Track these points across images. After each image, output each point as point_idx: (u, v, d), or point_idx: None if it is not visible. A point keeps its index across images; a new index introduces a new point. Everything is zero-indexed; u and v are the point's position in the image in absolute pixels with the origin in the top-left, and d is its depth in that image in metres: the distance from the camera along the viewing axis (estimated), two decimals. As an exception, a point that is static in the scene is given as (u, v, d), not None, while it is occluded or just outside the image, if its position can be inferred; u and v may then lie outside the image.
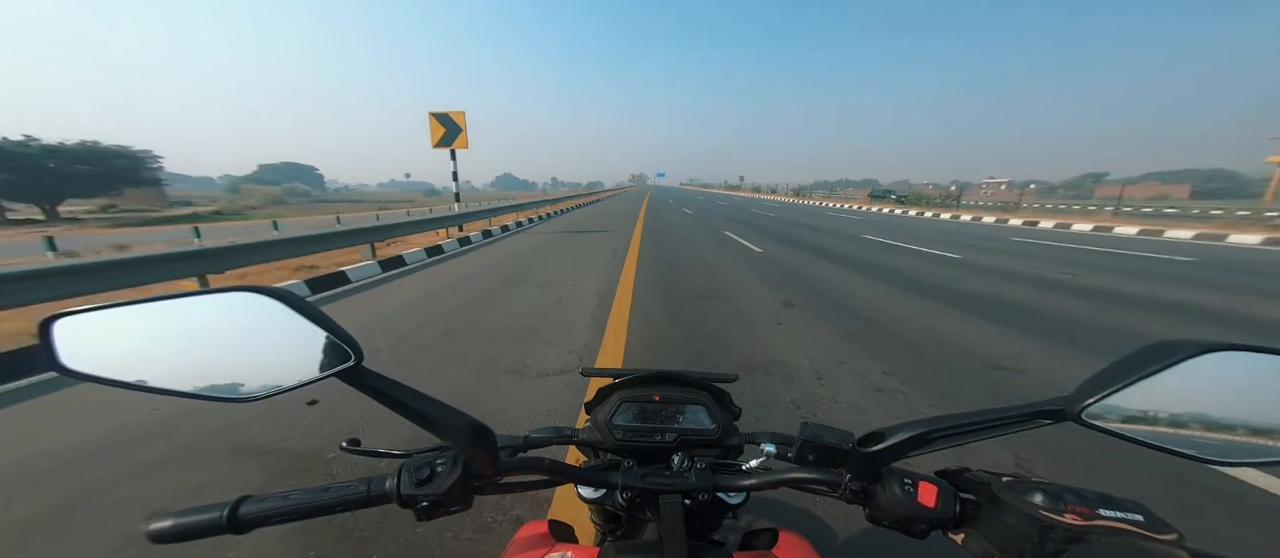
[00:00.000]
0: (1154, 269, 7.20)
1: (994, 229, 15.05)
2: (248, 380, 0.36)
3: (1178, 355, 0.34)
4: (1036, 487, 0.39)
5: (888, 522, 0.45)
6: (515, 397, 2.69)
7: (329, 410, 2.46)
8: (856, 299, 4.99)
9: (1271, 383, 0.33)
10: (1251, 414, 0.34)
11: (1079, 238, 12.15)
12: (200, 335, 0.35)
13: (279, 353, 0.37)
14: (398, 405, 0.41)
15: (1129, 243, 11.00)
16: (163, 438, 2.23)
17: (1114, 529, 0.34)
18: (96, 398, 2.63)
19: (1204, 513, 1.73)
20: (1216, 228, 12.81)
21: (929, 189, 35.44)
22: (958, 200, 27.20)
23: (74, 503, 1.77)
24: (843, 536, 1.49)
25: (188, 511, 0.41)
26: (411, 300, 5.03)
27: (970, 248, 9.54)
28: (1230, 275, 6.76)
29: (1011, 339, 3.71)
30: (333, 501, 0.44)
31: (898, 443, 0.43)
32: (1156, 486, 1.86)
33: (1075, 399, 0.37)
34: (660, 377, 0.67)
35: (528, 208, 18.83)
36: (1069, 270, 6.97)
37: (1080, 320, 4.29)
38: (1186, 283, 6.13)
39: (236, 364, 0.36)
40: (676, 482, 0.53)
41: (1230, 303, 5.05)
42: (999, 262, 7.71)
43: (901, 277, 6.33)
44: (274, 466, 2.02)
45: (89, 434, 2.29)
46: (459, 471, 0.45)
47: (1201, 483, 1.87)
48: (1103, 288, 5.73)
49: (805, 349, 3.43)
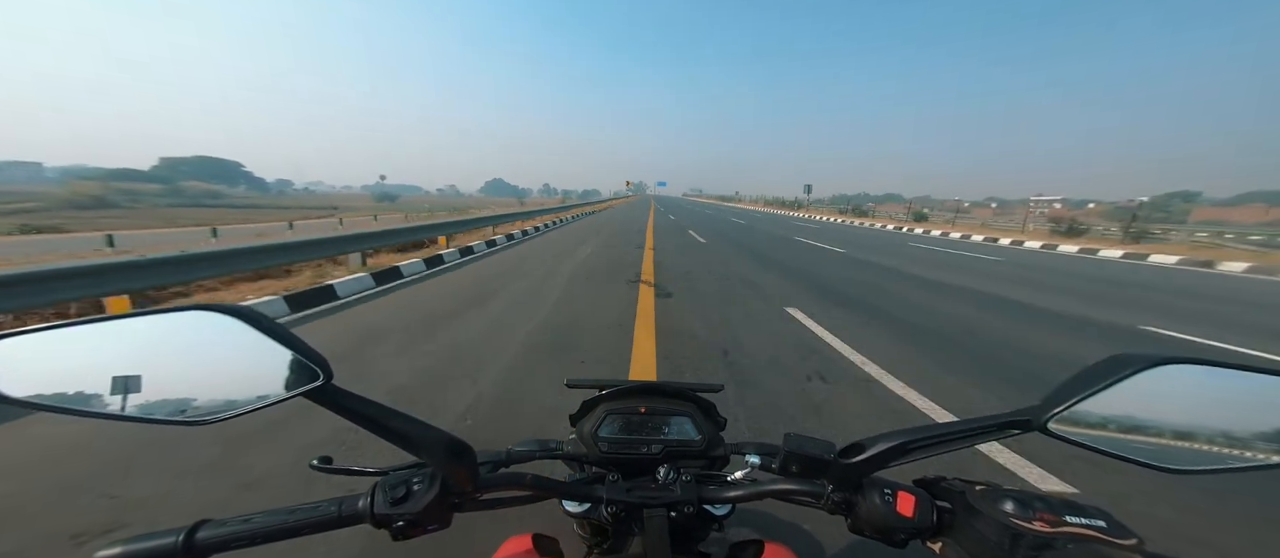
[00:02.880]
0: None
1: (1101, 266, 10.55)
2: (206, 402, 0.34)
3: (1132, 368, 0.35)
4: (1007, 495, 0.40)
5: (869, 532, 0.46)
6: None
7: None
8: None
9: (1218, 395, 0.35)
10: (1203, 424, 0.36)
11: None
12: (154, 357, 0.33)
13: (241, 373, 0.35)
14: (371, 423, 0.40)
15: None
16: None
17: (1079, 536, 0.36)
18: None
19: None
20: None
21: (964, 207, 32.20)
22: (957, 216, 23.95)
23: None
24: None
25: (139, 537, 0.38)
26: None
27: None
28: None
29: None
30: (300, 522, 0.42)
31: (878, 453, 0.43)
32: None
33: (1041, 410, 0.39)
34: (645, 388, 0.67)
35: (473, 227, 12.10)
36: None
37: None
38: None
39: (194, 386, 0.34)
40: (662, 495, 0.53)
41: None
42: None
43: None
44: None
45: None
46: (436, 488, 0.44)
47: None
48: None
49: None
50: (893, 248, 13.05)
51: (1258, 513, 1.90)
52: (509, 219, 15.17)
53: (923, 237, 19.47)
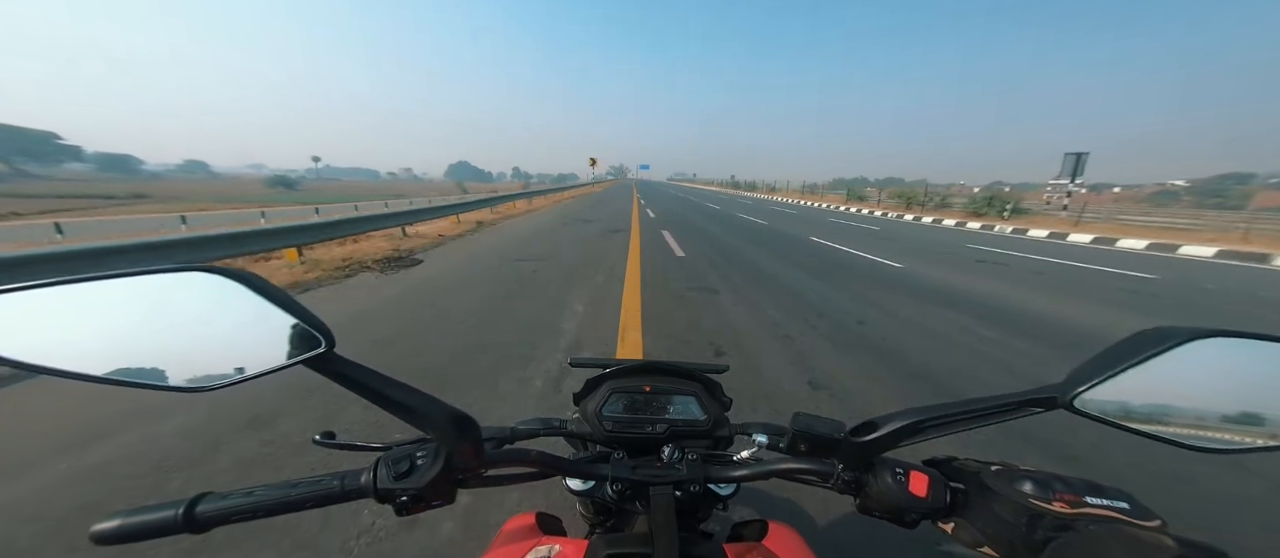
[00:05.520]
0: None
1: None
2: (204, 368, 0.33)
3: (1168, 343, 0.34)
4: (1025, 475, 0.39)
5: (878, 512, 0.45)
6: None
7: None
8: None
9: (1261, 370, 0.34)
10: (1242, 402, 0.34)
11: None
12: (147, 318, 0.32)
13: (240, 339, 0.34)
14: (373, 395, 0.39)
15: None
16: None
17: (1101, 517, 0.35)
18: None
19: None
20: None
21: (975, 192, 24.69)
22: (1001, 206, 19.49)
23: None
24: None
25: (138, 510, 0.38)
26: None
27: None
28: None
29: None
30: (302, 496, 0.42)
31: (890, 432, 0.42)
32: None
33: (1066, 387, 0.37)
34: (650, 367, 0.66)
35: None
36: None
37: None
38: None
39: (190, 351, 0.33)
40: (667, 473, 0.52)
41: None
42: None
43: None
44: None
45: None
46: (441, 463, 0.43)
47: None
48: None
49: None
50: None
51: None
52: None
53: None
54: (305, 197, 50.79)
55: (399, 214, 9.58)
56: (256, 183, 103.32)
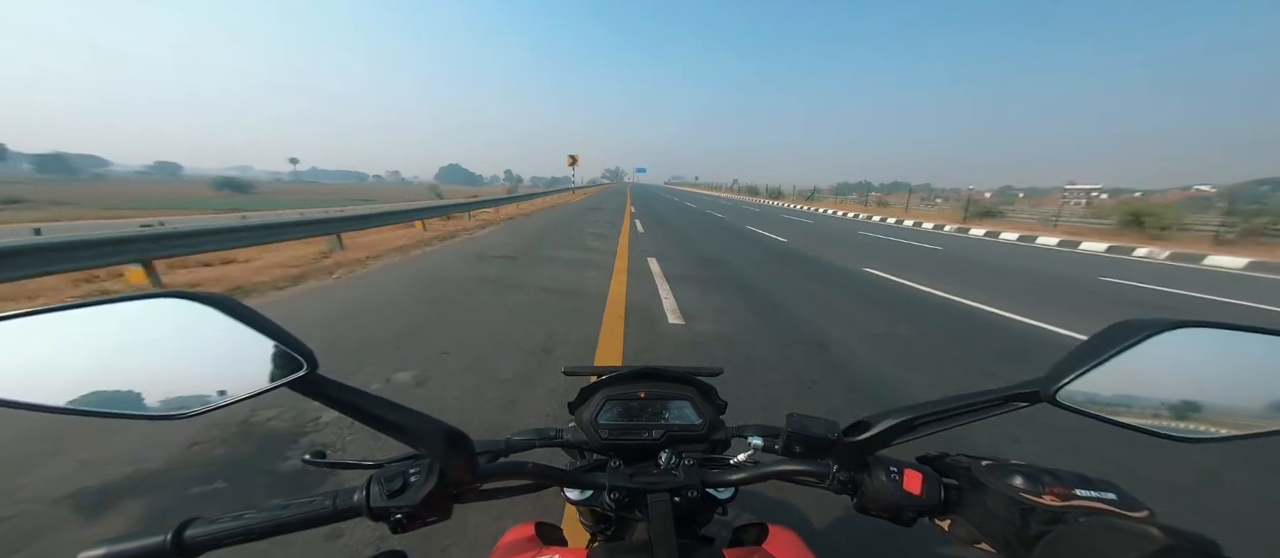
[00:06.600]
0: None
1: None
2: (180, 396, 0.33)
3: (1141, 334, 0.34)
4: (1015, 469, 0.39)
5: (875, 511, 0.45)
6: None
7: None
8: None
9: (1234, 359, 0.34)
10: (1218, 392, 0.35)
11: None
12: (120, 348, 0.31)
13: (217, 365, 0.34)
14: (362, 414, 0.38)
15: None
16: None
17: (1090, 509, 0.35)
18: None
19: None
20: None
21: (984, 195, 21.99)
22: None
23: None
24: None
25: (124, 537, 0.37)
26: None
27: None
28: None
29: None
30: (293, 518, 0.42)
31: (883, 431, 0.43)
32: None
33: (1048, 381, 0.38)
34: (644, 373, 0.66)
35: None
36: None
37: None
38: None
39: (166, 379, 0.32)
40: (665, 480, 0.52)
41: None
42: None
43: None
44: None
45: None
46: (435, 479, 0.43)
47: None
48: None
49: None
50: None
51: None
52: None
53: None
54: (256, 201, 45.76)
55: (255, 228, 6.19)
56: (205, 186, 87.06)
